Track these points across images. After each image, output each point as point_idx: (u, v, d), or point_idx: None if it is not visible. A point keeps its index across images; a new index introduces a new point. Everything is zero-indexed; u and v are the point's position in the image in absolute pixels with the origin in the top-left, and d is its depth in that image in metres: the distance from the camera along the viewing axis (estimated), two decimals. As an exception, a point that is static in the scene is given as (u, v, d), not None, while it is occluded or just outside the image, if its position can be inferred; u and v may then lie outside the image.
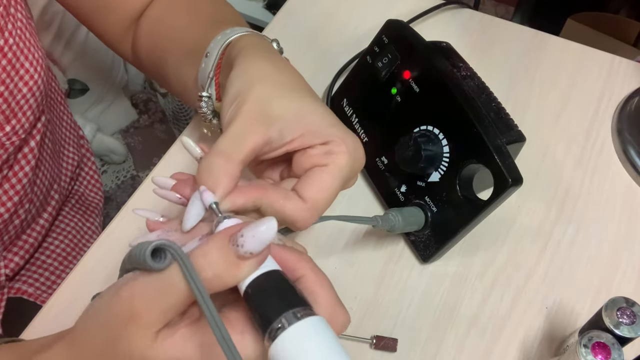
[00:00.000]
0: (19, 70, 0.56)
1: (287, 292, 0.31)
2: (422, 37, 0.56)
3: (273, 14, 1.50)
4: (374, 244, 0.57)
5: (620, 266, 0.56)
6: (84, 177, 0.84)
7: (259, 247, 0.30)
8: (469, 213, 0.50)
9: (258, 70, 0.41)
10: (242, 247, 0.30)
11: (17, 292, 0.69)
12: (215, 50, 0.47)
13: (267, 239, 0.30)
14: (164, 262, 0.30)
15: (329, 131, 0.39)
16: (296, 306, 0.30)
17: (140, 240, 0.35)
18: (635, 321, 0.42)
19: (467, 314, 0.53)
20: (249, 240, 0.30)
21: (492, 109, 0.56)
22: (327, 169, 0.39)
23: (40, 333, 0.51)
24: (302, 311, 0.30)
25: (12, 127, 0.58)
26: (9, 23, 0.54)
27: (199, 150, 0.39)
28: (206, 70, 0.47)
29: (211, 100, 0.48)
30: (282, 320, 0.29)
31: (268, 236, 0.30)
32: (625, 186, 0.61)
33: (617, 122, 0.64)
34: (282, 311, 0.29)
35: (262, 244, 0.30)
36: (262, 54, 0.43)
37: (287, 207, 0.37)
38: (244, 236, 0.30)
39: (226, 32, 0.47)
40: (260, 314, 0.30)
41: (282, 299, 0.30)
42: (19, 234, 0.69)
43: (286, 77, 0.42)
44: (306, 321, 0.29)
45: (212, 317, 0.29)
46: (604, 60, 0.70)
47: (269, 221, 0.30)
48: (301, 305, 0.30)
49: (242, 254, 0.30)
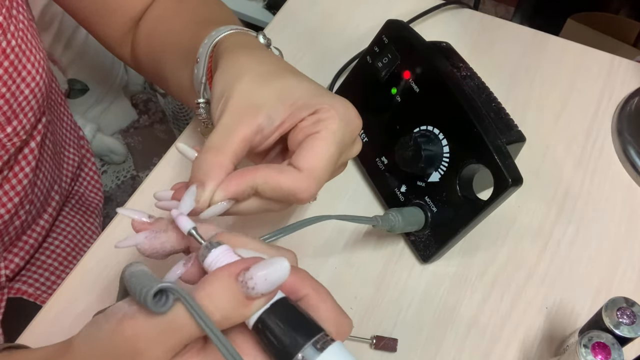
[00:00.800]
0: (20, 72, 0.56)
1: (301, 322, 0.30)
2: (422, 37, 0.56)
3: (273, 14, 1.50)
4: (374, 244, 0.57)
5: (620, 266, 0.56)
6: (84, 177, 0.84)
7: (270, 289, 0.29)
8: (469, 213, 0.50)
9: (239, 67, 0.41)
10: (253, 289, 0.29)
11: (17, 293, 0.69)
12: (203, 56, 0.47)
13: (280, 281, 0.29)
14: (166, 303, 0.29)
15: (314, 101, 0.39)
16: (312, 335, 0.29)
17: (128, 242, 0.34)
18: (635, 321, 0.42)
19: (467, 314, 0.53)
20: (260, 283, 0.29)
21: (492, 109, 0.56)
22: (319, 135, 0.38)
23: (40, 333, 0.52)
24: (320, 340, 0.29)
25: (13, 128, 0.58)
26: (12, 25, 0.54)
27: (195, 153, 0.39)
28: (199, 76, 0.48)
29: (209, 105, 0.48)
30: (305, 351, 0.29)
31: (281, 278, 0.29)
32: (625, 186, 0.61)
33: (617, 122, 0.64)
34: (301, 344, 0.29)
35: (274, 285, 0.29)
36: (243, 50, 0.43)
37: (283, 181, 0.37)
38: (253, 278, 0.29)
39: (212, 35, 0.47)
40: (278, 347, 0.30)
41: (296, 331, 0.30)
42: (19, 234, 0.69)
43: (267, 66, 0.42)
44: (328, 352, 0.29)
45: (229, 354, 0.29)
46: (604, 60, 0.70)
47: (281, 261, 0.29)
48: (316, 333, 0.30)
49: (253, 295, 0.29)
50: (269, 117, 0.38)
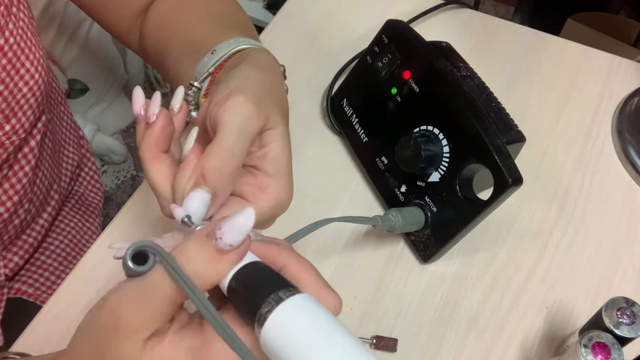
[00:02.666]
0: (19, 70, 0.56)
1: (271, 278, 0.30)
2: (422, 37, 0.56)
3: (273, 14, 1.50)
4: (374, 244, 0.57)
5: (620, 266, 0.56)
6: (84, 177, 0.84)
7: (238, 238, 0.29)
8: (469, 213, 0.50)
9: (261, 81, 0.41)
10: (221, 239, 0.29)
11: (17, 293, 0.69)
12: (223, 50, 0.47)
13: (245, 230, 0.29)
14: (147, 263, 0.30)
15: (278, 167, 0.39)
16: (281, 288, 0.29)
17: (120, 244, 0.34)
18: (635, 321, 0.42)
19: (467, 314, 0.53)
20: (227, 232, 0.29)
21: (492, 109, 0.56)
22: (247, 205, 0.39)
23: (40, 333, 0.52)
24: (287, 292, 0.28)
25: (11, 127, 0.58)
26: (10, 22, 0.54)
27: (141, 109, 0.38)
28: (207, 65, 0.48)
29: (199, 93, 0.48)
30: (269, 302, 0.28)
31: (246, 226, 0.29)
32: (625, 186, 0.61)
33: (617, 122, 0.64)
34: (268, 294, 0.28)
35: (241, 234, 0.29)
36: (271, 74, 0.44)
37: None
38: (221, 229, 0.29)
39: (240, 39, 0.48)
40: (247, 302, 0.29)
41: (266, 285, 0.29)
42: (19, 233, 0.69)
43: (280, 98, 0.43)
44: (294, 299, 0.28)
45: (206, 310, 0.28)
46: (604, 60, 0.70)
47: (246, 211, 0.29)
48: (286, 287, 0.29)
49: (222, 246, 0.29)
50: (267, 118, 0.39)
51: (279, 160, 0.40)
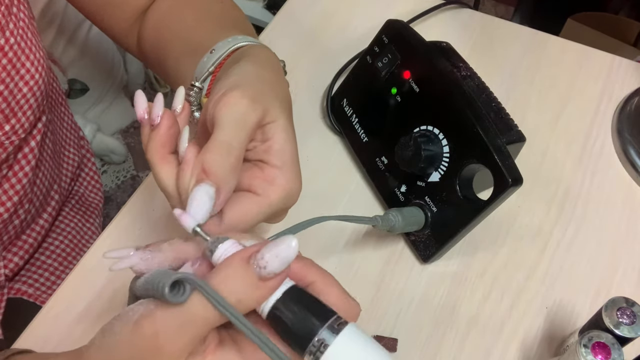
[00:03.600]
0: (19, 70, 0.56)
1: (315, 306, 0.31)
2: (422, 37, 0.56)
3: (273, 14, 1.50)
4: (374, 244, 0.57)
5: (620, 266, 0.56)
6: (84, 177, 0.84)
7: (282, 267, 0.30)
8: (469, 213, 0.50)
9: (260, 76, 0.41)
10: (265, 268, 0.29)
11: (17, 293, 0.69)
12: (222, 49, 0.47)
13: (290, 258, 0.30)
14: (183, 294, 0.30)
15: (284, 159, 0.39)
16: (327, 318, 0.30)
17: (123, 264, 0.34)
18: (635, 321, 0.42)
19: (467, 314, 0.53)
20: (272, 261, 0.29)
21: (492, 109, 0.56)
22: (257, 199, 0.39)
23: (40, 334, 0.52)
24: (335, 323, 0.30)
25: (11, 127, 0.58)
26: (11, 22, 0.54)
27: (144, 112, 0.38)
28: (207, 64, 0.48)
29: (201, 93, 0.48)
30: (322, 334, 0.30)
31: (291, 254, 0.30)
32: (625, 186, 0.61)
33: (617, 122, 0.64)
34: (318, 327, 0.30)
35: (285, 263, 0.30)
36: (267, 69, 0.44)
37: None
38: (264, 258, 0.30)
39: (238, 37, 0.48)
40: (295, 332, 0.30)
41: (311, 315, 0.30)
42: (19, 234, 0.69)
43: (281, 96, 0.43)
44: (345, 332, 0.30)
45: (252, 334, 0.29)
46: (604, 60, 0.70)
47: (290, 239, 0.30)
48: (331, 316, 0.31)
49: (265, 275, 0.30)
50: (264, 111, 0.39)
51: (284, 152, 0.40)
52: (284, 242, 0.30)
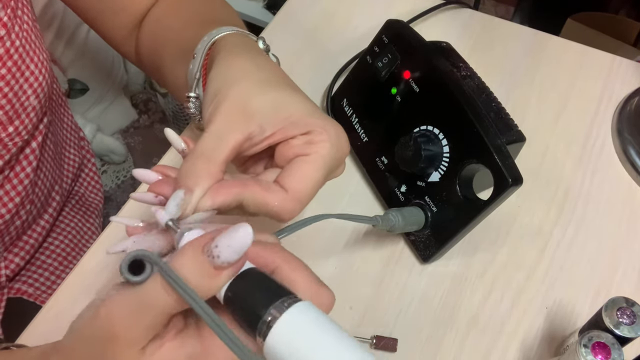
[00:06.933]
0: (24, 72, 0.56)
1: (268, 286, 0.30)
2: (422, 37, 0.56)
3: (273, 14, 1.50)
4: (374, 244, 0.57)
5: (620, 266, 0.56)
6: (84, 178, 0.84)
7: (235, 257, 0.29)
8: (469, 213, 0.50)
9: (237, 69, 0.41)
10: (218, 257, 0.28)
11: (17, 293, 0.69)
12: (201, 51, 0.46)
13: (243, 247, 0.28)
14: (144, 273, 0.29)
15: (309, 121, 0.39)
16: (280, 297, 0.29)
17: (118, 247, 0.34)
18: (635, 321, 0.42)
19: (467, 314, 0.53)
20: (224, 251, 0.28)
21: (492, 109, 0.56)
22: (308, 158, 0.38)
23: (40, 333, 0.52)
24: (287, 300, 0.29)
25: (15, 128, 0.58)
26: (16, 25, 0.54)
27: (183, 144, 0.38)
28: (193, 71, 0.47)
29: (199, 101, 0.48)
30: (270, 312, 0.28)
31: (244, 244, 0.28)
32: (625, 186, 0.61)
33: (617, 122, 0.64)
34: (268, 304, 0.28)
35: (238, 253, 0.29)
36: (242, 53, 0.43)
37: (269, 199, 0.37)
38: (218, 246, 0.28)
39: (212, 33, 0.47)
40: (247, 313, 0.29)
41: (264, 294, 0.29)
42: (20, 234, 0.69)
43: (265, 73, 0.41)
44: (295, 307, 0.28)
45: (210, 319, 0.28)
46: (604, 60, 0.70)
47: (243, 228, 0.28)
48: (285, 295, 0.29)
49: (219, 264, 0.29)
50: (260, 127, 0.38)
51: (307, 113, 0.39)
52: (237, 230, 0.28)
